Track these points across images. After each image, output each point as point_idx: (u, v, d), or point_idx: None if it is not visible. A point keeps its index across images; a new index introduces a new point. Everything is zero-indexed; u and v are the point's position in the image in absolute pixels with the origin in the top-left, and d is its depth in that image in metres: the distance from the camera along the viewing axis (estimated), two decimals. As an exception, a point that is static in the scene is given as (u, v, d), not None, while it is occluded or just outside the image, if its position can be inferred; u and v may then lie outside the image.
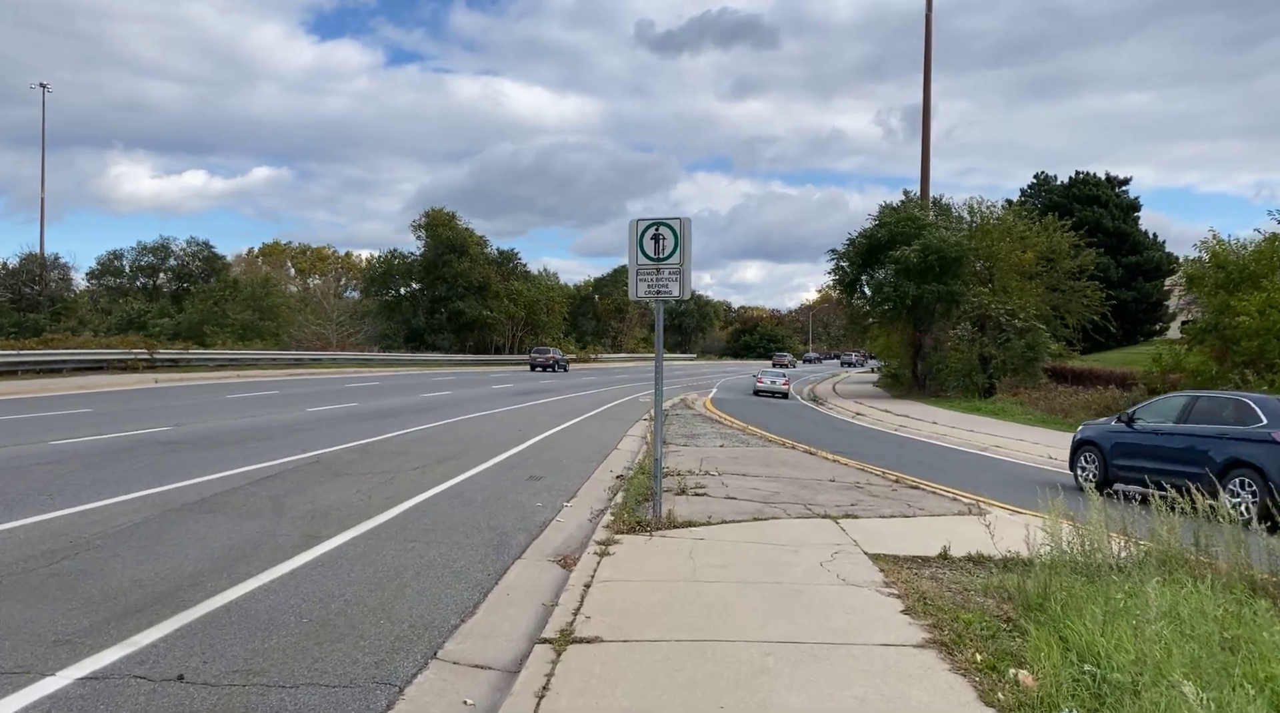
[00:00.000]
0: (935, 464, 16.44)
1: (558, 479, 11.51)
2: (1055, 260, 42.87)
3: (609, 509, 9.01)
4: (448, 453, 13.67)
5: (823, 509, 9.30)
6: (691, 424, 21.55)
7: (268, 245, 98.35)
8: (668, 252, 8.32)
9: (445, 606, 5.65)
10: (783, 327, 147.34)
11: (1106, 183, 62.75)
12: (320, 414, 19.76)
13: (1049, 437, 23.20)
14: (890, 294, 41.25)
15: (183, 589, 5.66)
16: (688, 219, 8.32)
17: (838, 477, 12.23)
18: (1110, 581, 5.53)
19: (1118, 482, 13.11)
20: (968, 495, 11.54)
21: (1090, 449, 14.30)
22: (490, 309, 67.19)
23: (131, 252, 79.98)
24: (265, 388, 28.76)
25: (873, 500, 10.23)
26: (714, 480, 11.12)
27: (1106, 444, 13.94)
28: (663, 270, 8.34)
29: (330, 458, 12.43)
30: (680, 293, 8.28)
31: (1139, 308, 58.15)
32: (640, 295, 8.41)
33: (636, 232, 8.41)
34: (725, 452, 15.07)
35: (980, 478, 14.40)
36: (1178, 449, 12.50)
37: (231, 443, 13.63)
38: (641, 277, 8.39)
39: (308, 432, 15.71)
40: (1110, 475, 13.56)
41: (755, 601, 5.47)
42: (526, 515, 8.93)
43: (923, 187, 48.20)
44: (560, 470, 12.40)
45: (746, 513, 8.89)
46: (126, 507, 8.26)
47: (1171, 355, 26.25)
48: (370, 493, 9.73)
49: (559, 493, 10.42)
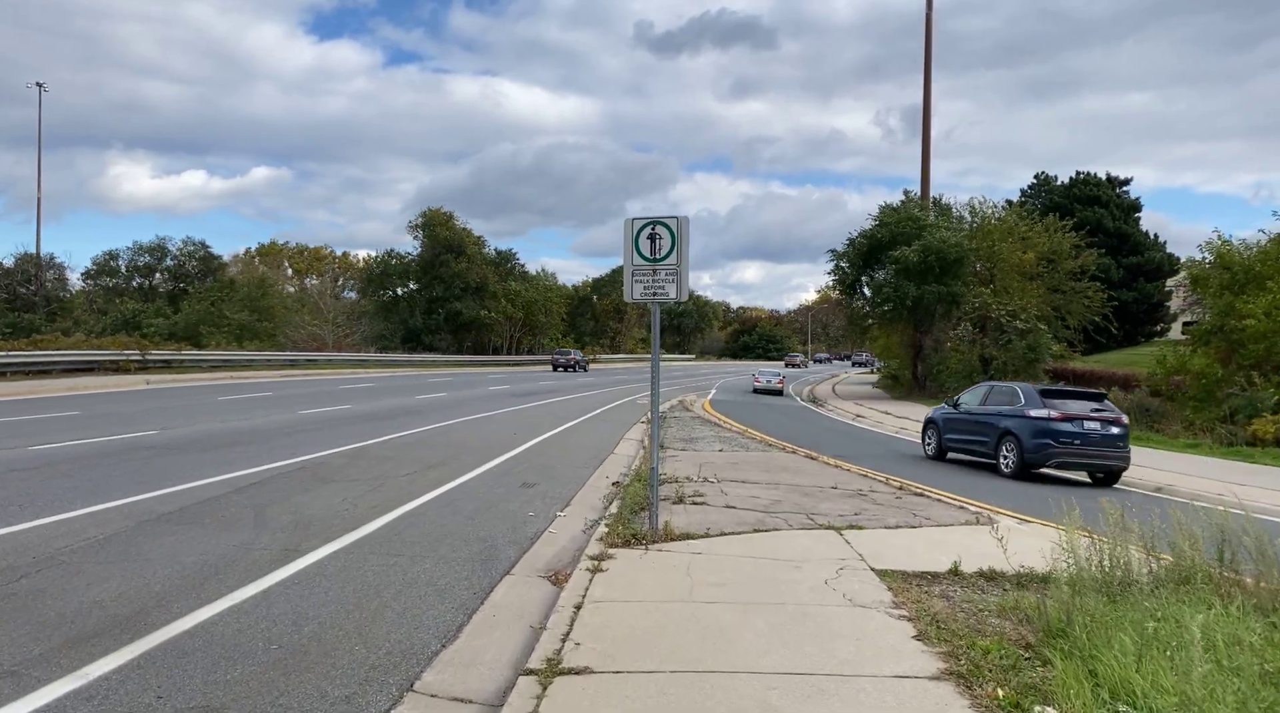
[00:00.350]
0: (938, 468, 16.10)
1: (551, 486, 11.16)
2: (1056, 261, 42.58)
3: (604, 520, 8.66)
4: (440, 458, 13.32)
5: (826, 519, 8.96)
6: (690, 427, 21.21)
7: (264, 245, 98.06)
8: (664, 252, 7.98)
9: (426, 628, 5.30)
10: (781, 327, 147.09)
11: (1107, 183, 62.49)
12: (312, 417, 19.40)
13: (1052, 440, 22.87)
14: (890, 295, 40.93)
15: (146, 612, 5.30)
16: (685, 218, 7.98)
17: (840, 484, 11.89)
18: (1135, 602, 5.19)
19: (950, 451, 17.49)
20: (974, 503, 11.20)
21: (932, 427, 18.20)
22: (488, 309, 66.82)
23: (127, 252, 79.69)
24: (259, 390, 28.40)
25: (877, 509, 9.89)
26: (713, 488, 10.77)
27: (941, 423, 17.82)
28: (659, 271, 7.99)
29: (319, 463, 12.08)
30: (677, 295, 7.94)
31: (1140, 309, 57.89)
32: (636, 297, 8.06)
33: (632, 231, 8.06)
34: (724, 457, 14.73)
35: (984, 485, 14.05)
36: (977, 425, 16.56)
37: (219, 447, 13.28)
38: (637, 278, 8.05)
39: (298, 435, 15.36)
40: (943, 446, 17.58)
41: (757, 625, 5.12)
42: (517, 526, 8.59)
43: (923, 186, 47.88)
44: (554, 477, 12.05)
45: (747, 524, 8.55)
46: (99, 518, 7.90)
47: (1176, 357, 25.94)
48: (357, 501, 9.38)
49: (552, 501, 10.07)
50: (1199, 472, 17.02)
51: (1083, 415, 15.23)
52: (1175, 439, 22.61)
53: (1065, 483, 15.17)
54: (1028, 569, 6.81)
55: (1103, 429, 15.23)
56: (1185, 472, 16.86)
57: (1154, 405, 26.37)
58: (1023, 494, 13.04)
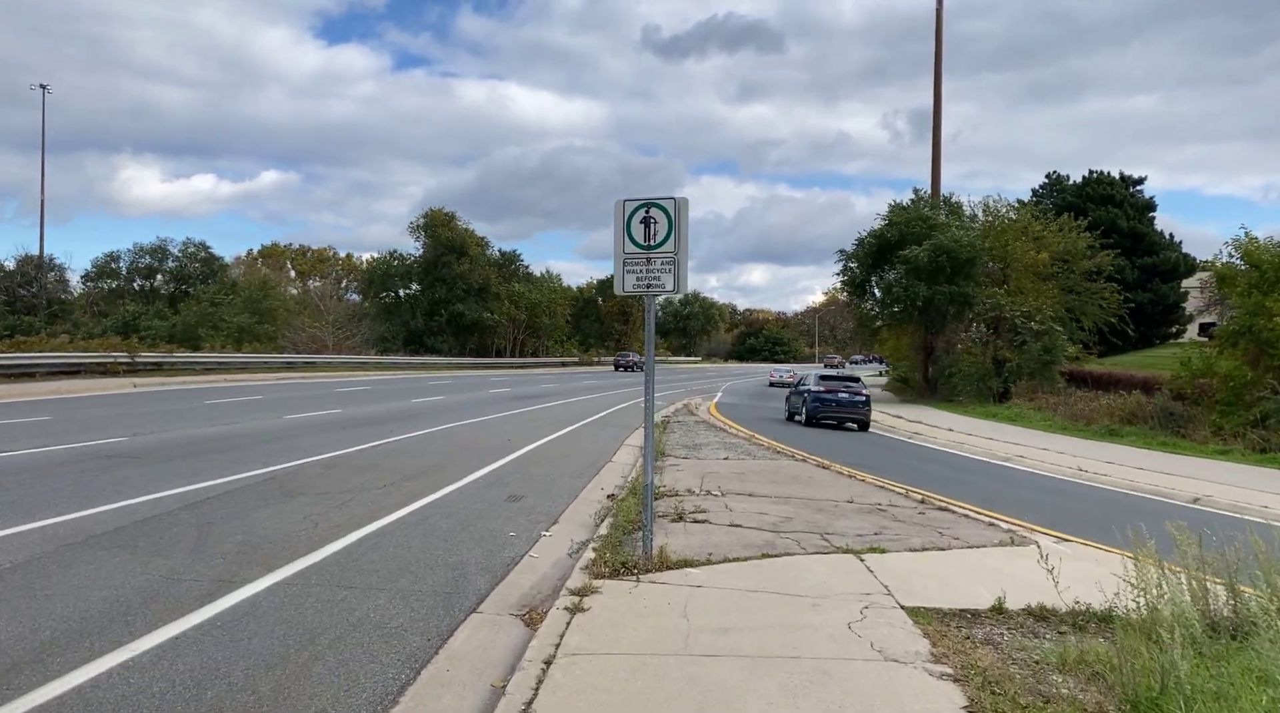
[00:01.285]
0: (958, 478, 15.08)
1: (540, 500, 10.18)
2: (1071, 261, 41.45)
3: (593, 542, 7.68)
4: (424, 467, 12.36)
5: (843, 541, 7.96)
6: (694, 432, 20.21)
7: (267, 247, 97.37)
8: (660, 238, 7.00)
9: (361, 691, 4.32)
10: (788, 329, 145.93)
11: (1121, 182, 61.23)
12: (297, 422, 18.47)
13: (1073, 445, 21.81)
14: (900, 295, 39.79)
15: (20, 668, 4.34)
16: (684, 199, 7.00)
17: (856, 497, 10.88)
18: (1238, 655, 4.19)
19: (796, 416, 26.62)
20: (1005, 519, 10.18)
21: (789, 400, 28.37)
22: (491, 311, 65.87)
23: (128, 253, 79.07)
24: (249, 393, 27.50)
25: (899, 527, 8.89)
26: (716, 503, 9.78)
27: (793, 398, 27.77)
28: (654, 260, 7.02)
29: (290, 474, 11.12)
30: (674, 287, 6.96)
31: (1155, 311, 56.56)
32: (628, 289, 7.08)
33: (623, 214, 7.09)
34: (729, 466, 13.73)
35: (1011, 495, 13.02)
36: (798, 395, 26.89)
37: (186, 456, 12.33)
38: (629, 267, 7.07)
39: (277, 442, 14.42)
40: (791, 413, 27.61)
41: (769, 690, 4.13)
42: (495, 549, 7.61)
43: (933, 185, 46.77)
44: (544, 489, 11.07)
45: (754, 547, 7.55)
46: (18, 541, 6.95)
47: (1202, 359, 24.81)
48: (319, 519, 8.42)
49: (539, 518, 9.09)
50: (1235, 481, 15.95)
51: (839, 390, 25.39)
52: (1204, 445, 21.52)
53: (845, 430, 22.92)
54: (1083, 605, 5.82)
55: (850, 397, 25.15)
56: (1220, 481, 15.79)
57: (1178, 410, 25.25)
58: (874, 454, 11.99)
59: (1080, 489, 14.74)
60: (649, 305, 7.16)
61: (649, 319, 7.16)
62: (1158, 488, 14.78)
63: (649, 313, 7.17)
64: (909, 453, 19.64)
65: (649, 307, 7.17)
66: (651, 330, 7.13)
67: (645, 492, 7.08)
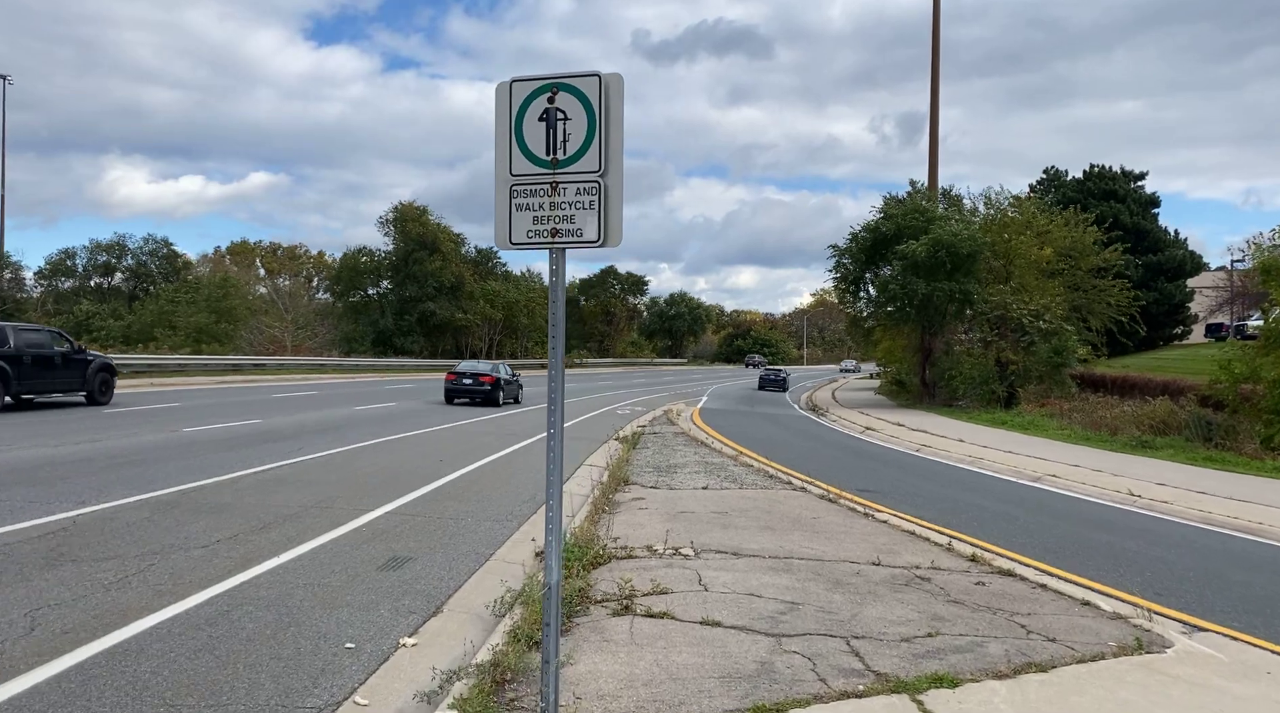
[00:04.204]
0: (996, 509, 12.09)
1: (431, 565, 7.09)
2: (1077, 257, 38.76)
3: (472, 668, 4.62)
4: (302, 505, 9.26)
5: (885, 656, 4.93)
6: (669, 449, 17.15)
7: (236, 244, 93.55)
8: (575, 147, 3.95)
9: None
10: (776, 331, 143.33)
11: (1123, 177, 58.70)
12: (191, 437, 15.29)
13: (1105, 460, 18.89)
14: (897, 292, 36.82)
15: None
16: (615, 77, 3.95)
17: (882, 552, 7.85)
18: None
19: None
20: (1094, 586, 7.21)
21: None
22: (464, 311, 62.56)
23: (85, 251, 75.16)
24: (169, 400, 24.24)
25: (959, 616, 5.87)
26: (685, 573, 6.71)
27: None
28: (564, 186, 3.96)
29: (93, 521, 8.00)
30: (599, 236, 3.91)
31: (1160, 310, 53.97)
32: (518, 241, 4.03)
33: (510, 107, 4.04)
34: (710, 501, 10.67)
35: (1072, 537, 10.02)
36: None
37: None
38: (521, 201, 4.02)
39: (128, 467, 11.26)
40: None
41: None
42: (302, 686, 4.52)
43: (930, 176, 43.95)
44: (448, 542, 7.98)
45: (741, 678, 4.51)
46: None
47: (1245, 363, 21.96)
48: (51, 612, 5.32)
49: (410, 607, 5.99)
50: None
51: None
52: (1259, 462, 18.66)
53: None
54: None
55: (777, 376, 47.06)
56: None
57: (1218, 419, 22.45)
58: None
59: (1148, 526, 11.78)
60: (559, 271, 4.08)
61: (556, 298, 4.07)
62: (1244, 523, 11.85)
63: (557, 288, 4.08)
64: (923, 472, 16.65)
65: (558, 275, 4.08)
66: (561, 315, 4.05)
67: (547, 604, 4.00)
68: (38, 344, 20.34)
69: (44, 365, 20.16)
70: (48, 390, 20.58)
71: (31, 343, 20.10)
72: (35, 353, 19.95)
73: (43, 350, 20.34)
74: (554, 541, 3.96)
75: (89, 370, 21.61)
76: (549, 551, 3.98)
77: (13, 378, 19.04)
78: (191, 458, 12.52)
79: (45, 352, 20.41)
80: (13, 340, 19.38)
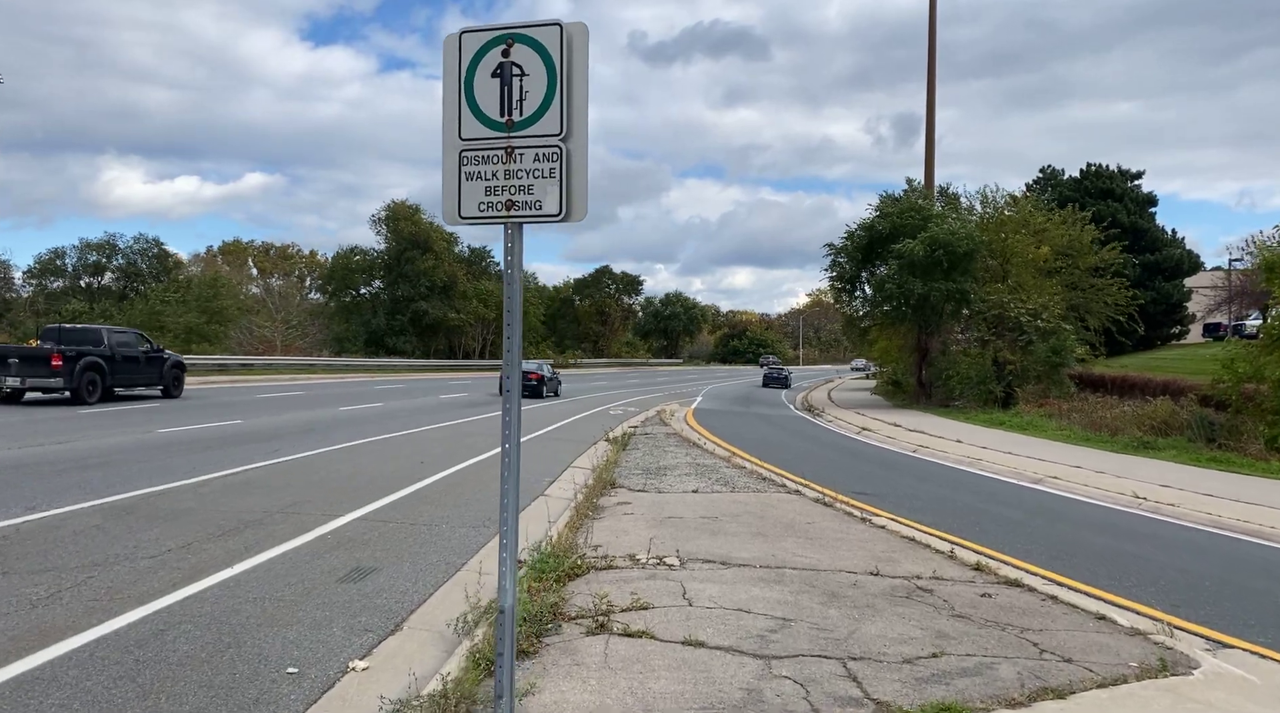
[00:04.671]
0: (997, 512, 11.62)
1: (396, 576, 6.58)
2: (1075, 256, 38.37)
3: (433, 682, 4.12)
4: (268, 509, 8.75)
5: (886, 679, 4.44)
6: (660, 449, 16.65)
7: (228, 243, 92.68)
8: (534, 107, 3.46)
9: None
10: (772, 331, 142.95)
11: (1120, 175, 58.31)
12: (166, 437, 14.77)
13: (1106, 461, 18.44)
14: (894, 292, 36.32)
15: None
16: (579, 26, 3.46)
17: (881, 560, 7.36)
18: None
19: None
20: (1106, 597, 6.74)
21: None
22: (457, 311, 61.96)
23: (74, 250, 74.36)
24: (150, 401, 23.69)
25: (964, 633, 5.38)
26: (669, 584, 6.22)
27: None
28: (521, 153, 3.47)
29: (41, 528, 7.49)
30: (560, 209, 3.42)
31: (1158, 310, 53.53)
32: (469, 214, 3.53)
33: (461, 59, 3.54)
34: (699, 503, 10.17)
35: (1080, 542, 9.55)
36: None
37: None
38: (473, 168, 3.52)
39: (94, 469, 10.73)
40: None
41: None
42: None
43: (927, 174, 43.50)
44: (418, 551, 7.47)
45: (721, 707, 4.02)
46: None
47: (1249, 362, 21.52)
48: (-28, 634, 4.81)
49: (370, 622, 5.50)
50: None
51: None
52: (1265, 463, 18.20)
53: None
54: None
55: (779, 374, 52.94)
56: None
57: (1220, 419, 22.01)
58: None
59: (1156, 530, 11.32)
60: (514, 247, 3.58)
61: (512, 282, 3.57)
62: (1254, 526, 11.39)
63: (512, 269, 3.58)
64: (921, 474, 16.18)
65: (513, 254, 3.58)
66: (517, 299, 3.54)
67: (500, 631, 3.50)
68: (125, 344, 23.17)
69: (131, 363, 22.98)
70: (132, 385, 23.38)
71: (121, 343, 22.93)
72: (124, 352, 22.72)
73: (129, 350, 23.18)
74: (508, 558, 3.48)
75: (165, 367, 24.40)
76: (503, 572, 3.50)
77: (107, 373, 21.79)
78: (161, 460, 12.01)
79: (131, 351, 23.24)
80: (107, 340, 22.32)
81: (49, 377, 20.50)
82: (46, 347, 21.05)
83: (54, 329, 22.53)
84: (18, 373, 20.50)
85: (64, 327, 23.20)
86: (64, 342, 21.32)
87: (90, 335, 22.40)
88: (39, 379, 20.53)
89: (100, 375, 21.51)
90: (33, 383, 20.57)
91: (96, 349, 21.68)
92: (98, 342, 22.01)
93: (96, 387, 21.36)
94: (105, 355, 21.79)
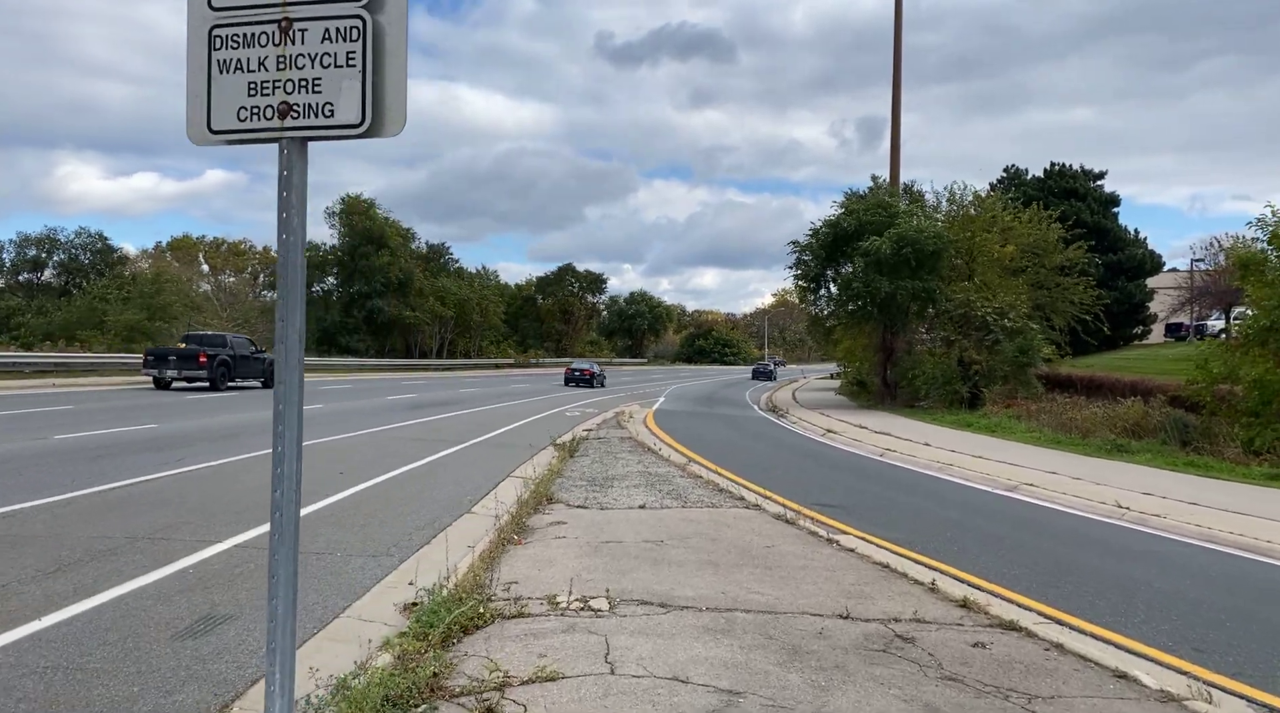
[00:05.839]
0: (975, 526, 10.56)
1: (249, 631, 5.23)
2: (1041, 255, 37.90)
3: None
4: (135, 533, 7.36)
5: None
6: (611, 456, 15.40)
7: (177, 239, 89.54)
8: (322, -41, 2.17)
9: None
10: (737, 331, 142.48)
11: (1083, 175, 58.28)
12: (60, 444, 13.21)
13: (1081, 466, 17.56)
14: (860, 290, 35.45)
15: None
16: None
17: (850, 596, 6.19)
18: None
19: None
20: (1118, 639, 5.64)
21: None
22: (413, 308, 60.09)
23: (11, 244, 71.06)
24: (60, 402, 21.92)
25: (958, 709, 4.21)
26: (586, 643, 4.95)
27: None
28: (302, 30, 2.19)
29: None
30: (365, 115, 2.15)
31: (1121, 310, 53.43)
32: (223, 126, 2.26)
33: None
34: (644, 522, 8.93)
35: (1073, 564, 8.48)
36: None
37: None
38: (229, 54, 2.24)
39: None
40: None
41: None
42: None
43: (892, 172, 42.82)
44: (297, 589, 6.14)
45: None
46: None
47: (1223, 362, 20.85)
48: None
49: (184, 705, 4.18)
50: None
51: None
52: (1244, 467, 17.47)
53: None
54: None
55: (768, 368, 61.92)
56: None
57: (1194, 421, 21.34)
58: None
59: (1150, 547, 10.32)
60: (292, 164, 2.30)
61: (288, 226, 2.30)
62: (1249, 540, 10.45)
63: (289, 202, 2.31)
64: (890, 481, 15.12)
65: (293, 180, 2.30)
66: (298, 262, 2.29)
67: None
68: (240, 346, 30.06)
69: (244, 361, 29.74)
70: (245, 379, 30.06)
71: (237, 346, 29.87)
72: (240, 353, 29.57)
73: (243, 351, 29.85)
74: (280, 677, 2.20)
75: (265, 365, 30.42)
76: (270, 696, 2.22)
77: (233, 369, 28.84)
78: (36, 472, 10.51)
79: (244, 352, 29.90)
80: (230, 343, 29.62)
81: (196, 370, 27.48)
82: (194, 348, 28.08)
83: (195, 336, 30.87)
84: (174, 367, 27.58)
85: (202, 334, 32.59)
86: (204, 345, 28.55)
87: (218, 340, 29.78)
88: (191, 371, 27.54)
89: (228, 370, 28.37)
90: (186, 375, 27.62)
91: (224, 351, 28.49)
92: (224, 345, 29.06)
93: (226, 377, 28.29)
94: (231, 356, 28.42)
